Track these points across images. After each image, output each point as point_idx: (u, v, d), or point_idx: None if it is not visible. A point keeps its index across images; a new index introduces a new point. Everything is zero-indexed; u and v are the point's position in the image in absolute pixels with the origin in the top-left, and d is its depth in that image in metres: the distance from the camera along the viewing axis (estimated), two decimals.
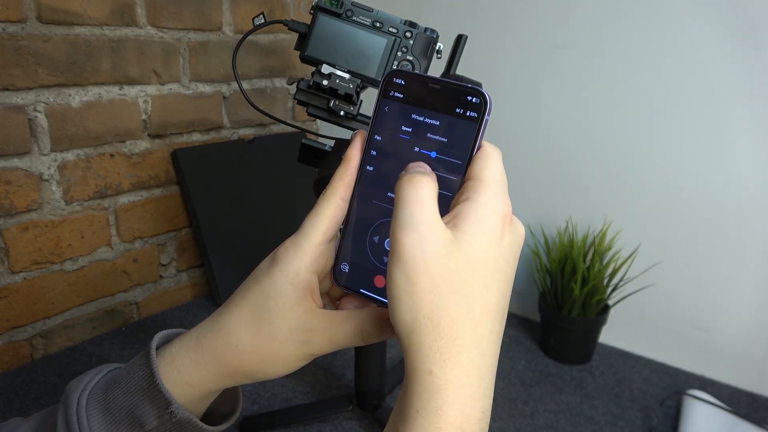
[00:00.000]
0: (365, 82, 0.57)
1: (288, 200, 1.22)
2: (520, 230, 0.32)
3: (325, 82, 0.56)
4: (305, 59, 0.58)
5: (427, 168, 0.31)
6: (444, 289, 0.29)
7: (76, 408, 0.36)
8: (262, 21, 0.59)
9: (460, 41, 0.61)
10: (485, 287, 0.30)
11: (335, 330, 0.35)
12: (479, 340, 0.30)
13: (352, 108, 0.58)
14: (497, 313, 0.31)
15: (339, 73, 0.57)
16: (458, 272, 0.29)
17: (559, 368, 0.98)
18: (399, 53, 0.57)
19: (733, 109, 0.87)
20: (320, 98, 0.58)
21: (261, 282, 0.36)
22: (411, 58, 0.57)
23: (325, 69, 0.57)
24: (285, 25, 0.59)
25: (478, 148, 0.32)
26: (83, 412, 0.36)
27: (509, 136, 1.10)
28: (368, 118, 0.58)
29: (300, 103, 0.59)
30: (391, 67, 0.57)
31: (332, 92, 0.57)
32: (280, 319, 0.35)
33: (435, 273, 0.29)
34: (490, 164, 0.31)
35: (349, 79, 0.57)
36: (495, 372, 0.31)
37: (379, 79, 0.57)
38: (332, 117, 0.59)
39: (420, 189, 0.30)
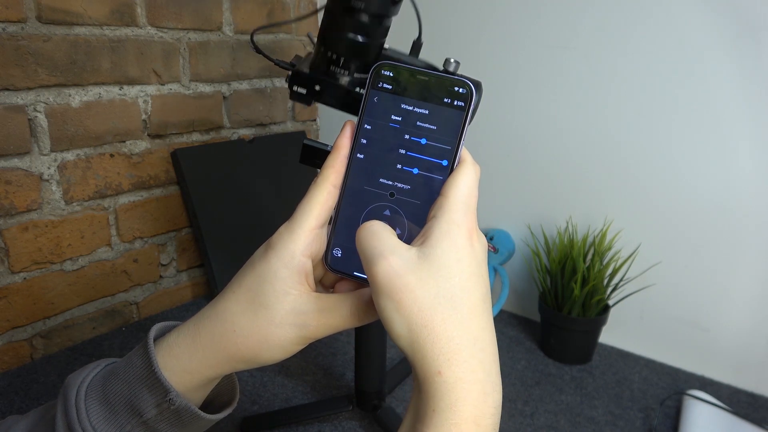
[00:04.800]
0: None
1: (288, 200, 1.22)
2: (484, 241, 0.35)
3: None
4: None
5: None
6: (426, 296, 0.31)
7: (75, 400, 0.36)
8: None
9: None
10: (465, 290, 0.32)
11: (331, 312, 0.36)
12: (474, 337, 0.31)
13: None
14: (484, 313, 0.33)
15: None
16: (434, 280, 0.31)
17: (559, 368, 0.98)
18: None
19: (734, 109, 0.87)
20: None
21: (256, 267, 0.36)
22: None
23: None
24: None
25: (465, 134, 0.35)
26: (82, 403, 0.36)
27: (509, 135, 1.10)
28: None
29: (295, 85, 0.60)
30: None
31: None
32: (276, 302, 0.35)
33: (413, 286, 0.31)
34: (459, 183, 0.34)
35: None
36: (499, 369, 0.33)
37: None
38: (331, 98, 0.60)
39: (372, 227, 0.33)
